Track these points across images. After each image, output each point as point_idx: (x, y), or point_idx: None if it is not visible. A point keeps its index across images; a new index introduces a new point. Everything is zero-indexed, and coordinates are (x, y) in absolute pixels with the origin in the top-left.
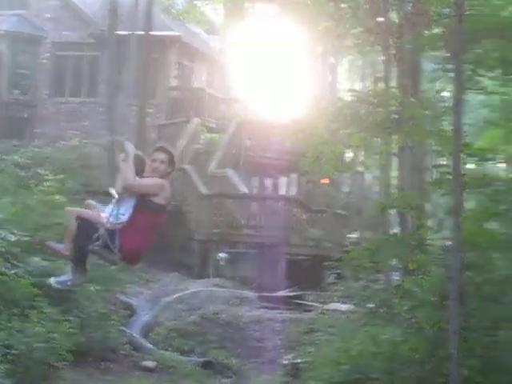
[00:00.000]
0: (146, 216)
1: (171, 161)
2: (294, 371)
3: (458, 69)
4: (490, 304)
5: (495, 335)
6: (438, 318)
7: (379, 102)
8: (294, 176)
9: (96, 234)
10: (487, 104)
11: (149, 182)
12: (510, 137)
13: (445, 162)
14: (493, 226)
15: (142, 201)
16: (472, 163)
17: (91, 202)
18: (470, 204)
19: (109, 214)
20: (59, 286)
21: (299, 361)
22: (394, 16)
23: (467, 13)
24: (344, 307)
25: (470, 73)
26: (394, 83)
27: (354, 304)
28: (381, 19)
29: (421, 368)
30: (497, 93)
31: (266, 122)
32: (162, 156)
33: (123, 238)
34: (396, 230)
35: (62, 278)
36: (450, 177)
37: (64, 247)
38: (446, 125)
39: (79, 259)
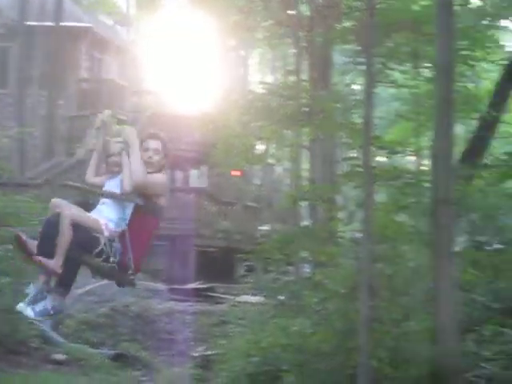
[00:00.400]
0: (146, 220)
1: (166, 150)
2: (205, 363)
3: (369, 62)
4: (399, 296)
5: (404, 327)
6: (347, 309)
7: (290, 94)
8: (204, 168)
9: (98, 248)
10: (398, 97)
11: (159, 179)
12: (420, 130)
13: (355, 155)
14: (402, 218)
15: (146, 202)
16: (382, 156)
17: (58, 200)
18: (380, 196)
19: (106, 218)
20: (40, 319)
21: (210, 353)
22: (304, 9)
23: (378, 6)
24: (254, 299)
25: (380, 66)
26: (304, 76)
27: (265, 296)
28: (292, 12)
29: (331, 360)
30: (407, 86)
31: (178, 114)
32: (154, 144)
33: (127, 247)
34: (307, 222)
35: (41, 305)
36: (361, 169)
37: (55, 263)
38: (357, 118)
39: (69, 280)
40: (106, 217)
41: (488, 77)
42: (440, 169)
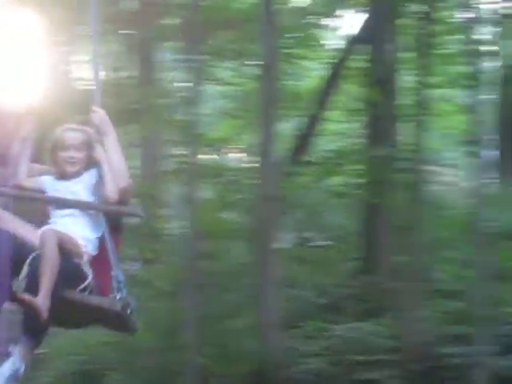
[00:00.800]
0: (117, 236)
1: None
2: (34, 363)
3: (195, 59)
4: (225, 292)
5: (231, 323)
6: (174, 307)
7: (116, 91)
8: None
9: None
10: (224, 95)
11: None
12: (246, 128)
13: (181, 152)
14: (228, 215)
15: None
16: (208, 153)
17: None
18: (206, 194)
19: (81, 237)
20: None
21: (39, 352)
22: (131, 4)
23: (203, 4)
24: None
25: (206, 63)
26: (131, 73)
27: None
28: (117, 7)
29: (158, 357)
30: (233, 84)
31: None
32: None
33: (98, 271)
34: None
35: (7, 366)
36: (186, 166)
37: (42, 301)
38: (183, 115)
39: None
40: (82, 235)
41: (311, 75)
42: (265, 166)
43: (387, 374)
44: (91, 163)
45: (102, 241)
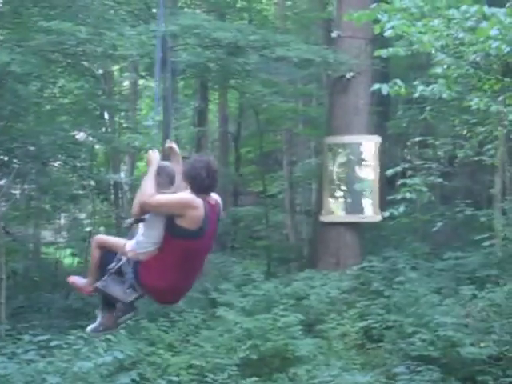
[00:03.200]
0: (173, 245)
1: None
2: None
3: None
4: None
5: None
6: None
7: None
8: None
9: (112, 266)
10: None
11: (171, 198)
12: None
13: None
14: None
15: (168, 225)
16: None
17: (102, 236)
18: None
19: (135, 240)
20: (94, 335)
21: None
22: None
23: None
24: None
25: None
26: None
27: None
28: None
29: None
30: None
31: None
32: None
33: (143, 273)
34: None
35: (94, 324)
36: None
37: (87, 282)
38: None
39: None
40: (135, 238)
41: None
42: None
43: None
44: None
45: None
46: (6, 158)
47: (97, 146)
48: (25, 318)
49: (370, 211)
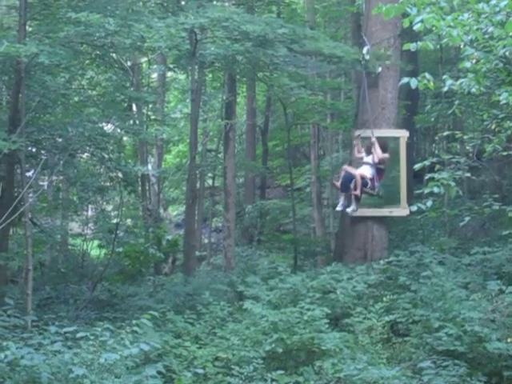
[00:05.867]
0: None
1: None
2: None
3: None
4: None
5: None
6: None
7: None
8: None
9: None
10: None
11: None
12: None
13: None
14: None
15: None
16: None
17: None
18: None
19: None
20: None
21: None
22: None
23: None
24: None
25: None
26: None
27: None
28: None
29: None
30: None
31: None
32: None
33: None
34: None
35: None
36: None
37: (357, 191)
38: None
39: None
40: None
41: None
42: None
43: None
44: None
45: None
46: (33, 150)
47: (125, 138)
48: (51, 309)
49: (397, 205)
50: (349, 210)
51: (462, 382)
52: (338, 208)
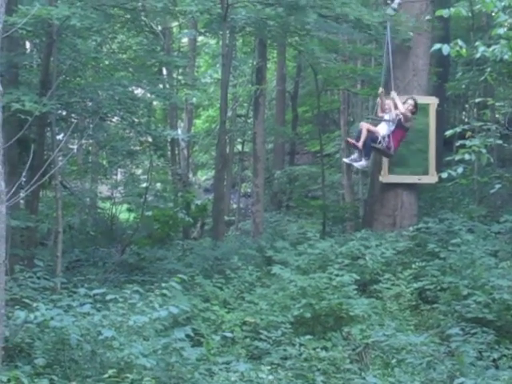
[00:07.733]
0: (400, 131)
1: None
2: None
3: None
4: None
5: None
6: None
7: None
8: None
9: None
10: None
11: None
12: None
13: None
14: None
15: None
16: None
17: (364, 123)
18: None
19: (383, 129)
20: (348, 162)
21: None
22: None
23: None
24: None
25: None
26: None
27: None
28: None
29: None
30: None
31: None
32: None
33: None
34: None
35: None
36: None
37: (359, 143)
38: None
39: (364, 148)
40: (383, 127)
41: None
42: None
43: None
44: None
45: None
46: (64, 113)
47: (155, 103)
48: (80, 272)
49: (426, 172)
50: (356, 163)
51: (489, 349)
52: (346, 160)
